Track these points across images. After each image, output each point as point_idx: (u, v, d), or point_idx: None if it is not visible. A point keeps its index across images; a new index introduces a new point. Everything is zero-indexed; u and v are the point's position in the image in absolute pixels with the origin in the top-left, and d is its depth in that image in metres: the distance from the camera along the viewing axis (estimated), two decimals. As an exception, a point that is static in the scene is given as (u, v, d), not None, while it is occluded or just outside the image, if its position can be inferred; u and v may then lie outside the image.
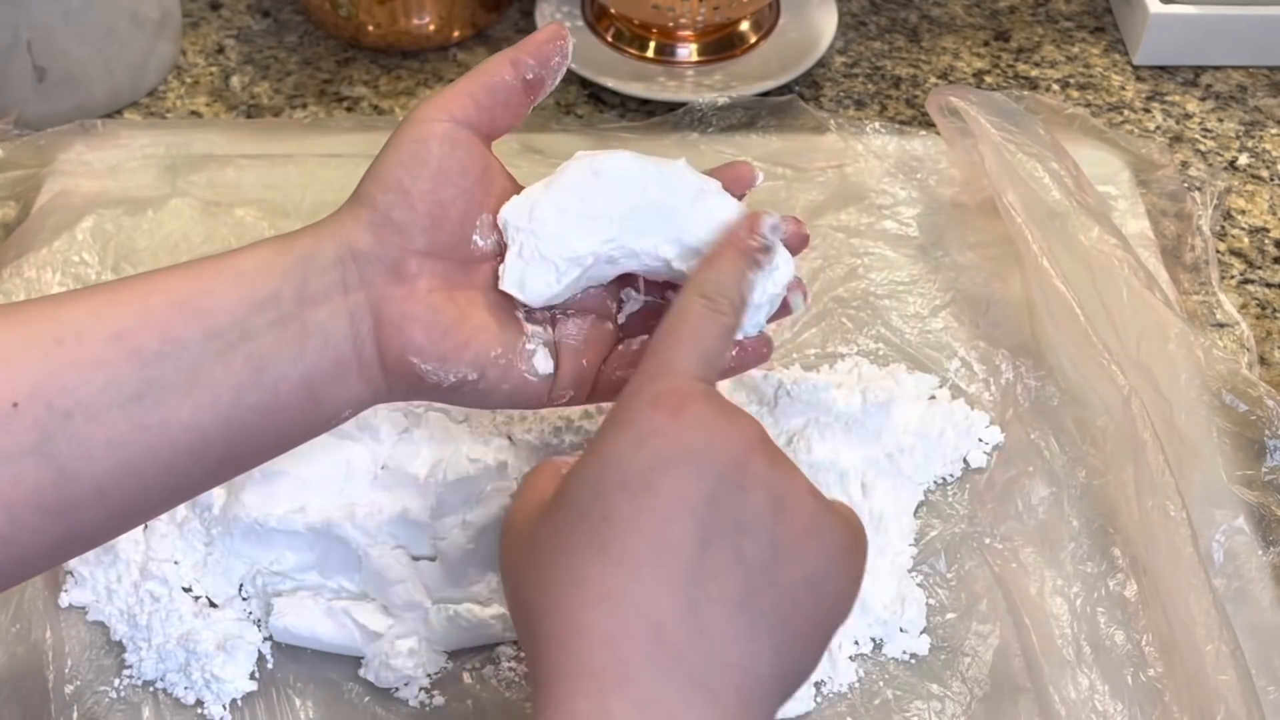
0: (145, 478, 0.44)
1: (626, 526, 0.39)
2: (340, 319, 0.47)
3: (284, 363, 0.46)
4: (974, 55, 0.87)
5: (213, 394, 0.44)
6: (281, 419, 0.46)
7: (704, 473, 0.40)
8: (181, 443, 0.44)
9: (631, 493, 0.40)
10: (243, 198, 0.75)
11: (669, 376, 0.42)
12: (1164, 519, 0.56)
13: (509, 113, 0.50)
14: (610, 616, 0.38)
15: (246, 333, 0.45)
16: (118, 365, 0.43)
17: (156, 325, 0.44)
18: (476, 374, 0.48)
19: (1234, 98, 0.84)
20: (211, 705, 0.55)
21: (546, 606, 0.40)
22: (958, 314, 0.69)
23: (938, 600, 0.59)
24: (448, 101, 0.48)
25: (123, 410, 0.43)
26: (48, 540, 0.43)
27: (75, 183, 0.75)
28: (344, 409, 0.48)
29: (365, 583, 0.57)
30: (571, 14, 0.86)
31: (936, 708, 0.56)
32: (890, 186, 0.75)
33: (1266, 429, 0.62)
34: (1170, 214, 0.74)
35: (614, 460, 0.41)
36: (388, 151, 0.48)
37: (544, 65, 0.49)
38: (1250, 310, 0.72)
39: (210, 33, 0.88)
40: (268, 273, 0.46)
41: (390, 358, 0.47)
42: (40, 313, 0.44)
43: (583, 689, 0.38)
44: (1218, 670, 0.53)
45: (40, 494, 0.42)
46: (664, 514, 0.39)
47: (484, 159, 0.49)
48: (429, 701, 0.56)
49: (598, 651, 0.38)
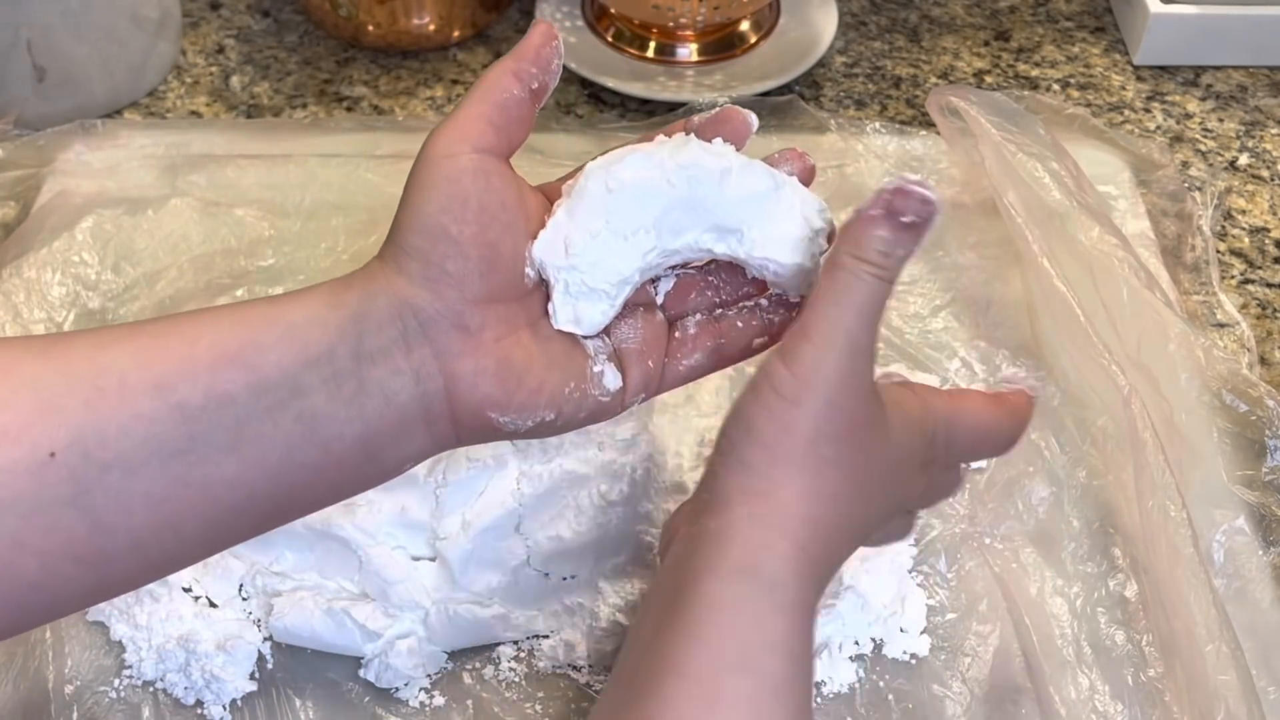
0: (184, 532, 0.43)
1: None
2: (403, 377, 0.44)
3: (339, 422, 0.44)
4: (974, 55, 0.87)
5: (260, 451, 0.43)
6: (334, 475, 0.45)
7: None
8: (224, 499, 0.43)
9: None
10: (243, 198, 0.75)
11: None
12: (1164, 519, 0.56)
13: (522, 127, 0.47)
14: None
15: (298, 390, 0.43)
16: (160, 419, 0.42)
17: (202, 378, 0.42)
18: (554, 414, 0.47)
19: (1234, 98, 0.84)
20: (211, 705, 0.55)
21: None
22: (958, 314, 0.69)
23: (938, 600, 0.59)
24: (465, 130, 0.46)
25: (163, 465, 0.42)
26: (80, 588, 0.42)
27: (75, 183, 0.75)
28: (405, 463, 0.46)
29: (365, 583, 0.57)
30: (571, 14, 0.86)
31: (936, 708, 0.56)
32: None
33: (1267, 429, 0.62)
34: (1170, 214, 0.74)
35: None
36: (421, 194, 0.45)
37: (545, 71, 0.47)
38: (1250, 310, 0.72)
39: (210, 33, 0.88)
40: (321, 327, 0.44)
41: (465, 415, 0.46)
42: (82, 354, 0.42)
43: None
44: (1218, 670, 0.53)
45: (73, 545, 0.41)
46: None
47: (515, 184, 0.47)
48: (429, 701, 0.56)
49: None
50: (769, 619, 0.41)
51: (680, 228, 0.48)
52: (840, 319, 0.43)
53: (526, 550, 0.57)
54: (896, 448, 0.45)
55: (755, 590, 0.41)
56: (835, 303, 0.43)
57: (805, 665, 0.41)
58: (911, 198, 0.43)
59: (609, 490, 0.57)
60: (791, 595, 0.41)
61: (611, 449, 0.57)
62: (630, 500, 0.57)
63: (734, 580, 0.41)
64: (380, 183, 0.75)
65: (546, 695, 0.56)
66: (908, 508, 0.50)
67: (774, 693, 0.40)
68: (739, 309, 0.50)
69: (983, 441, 0.50)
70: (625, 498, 0.57)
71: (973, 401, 0.49)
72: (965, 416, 0.48)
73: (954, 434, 0.48)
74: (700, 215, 0.47)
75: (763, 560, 0.41)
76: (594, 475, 0.57)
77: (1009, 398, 0.50)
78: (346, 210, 0.74)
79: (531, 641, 0.57)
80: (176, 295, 0.70)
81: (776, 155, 0.50)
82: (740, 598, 0.41)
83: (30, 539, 0.40)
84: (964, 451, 0.49)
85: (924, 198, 0.43)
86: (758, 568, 0.41)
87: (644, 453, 0.58)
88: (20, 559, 0.41)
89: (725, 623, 0.40)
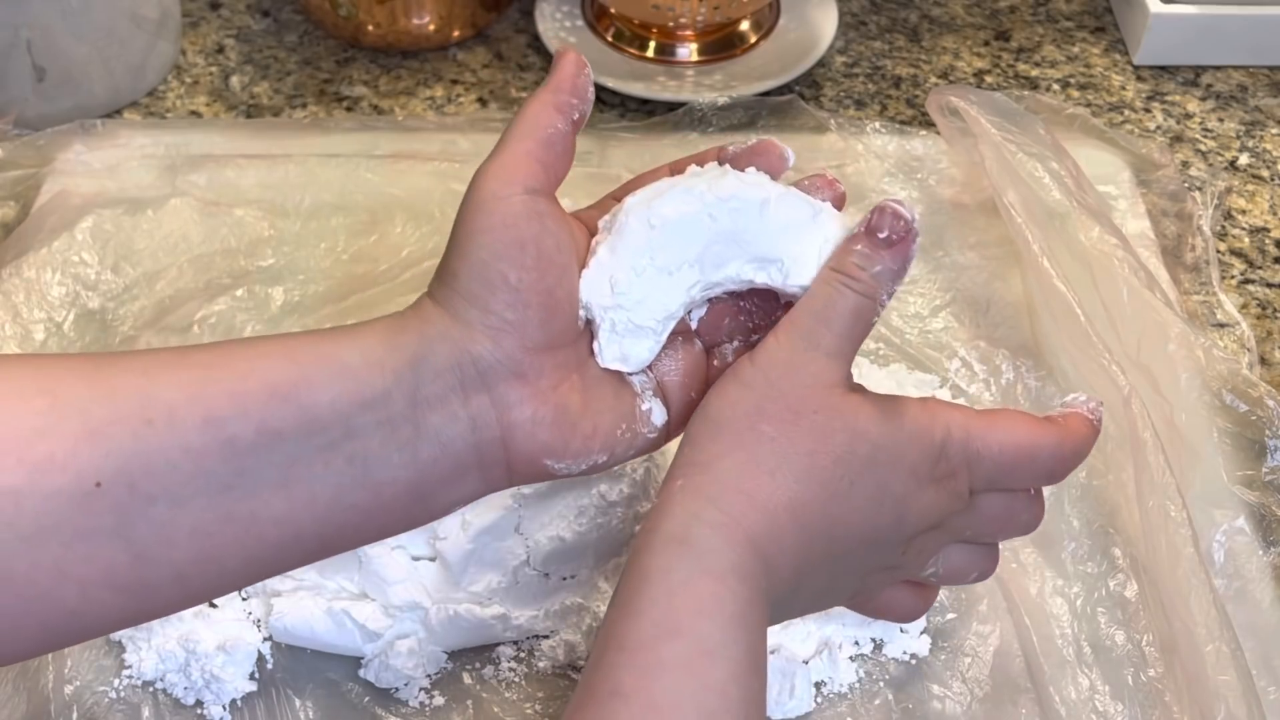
0: (227, 565, 0.43)
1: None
2: (459, 424, 0.44)
3: (393, 466, 0.43)
4: (974, 55, 0.87)
5: (310, 491, 0.42)
6: (382, 518, 0.45)
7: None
8: (270, 536, 0.43)
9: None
10: (243, 198, 0.75)
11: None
12: (1164, 519, 0.56)
13: (566, 160, 0.47)
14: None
15: (351, 431, 0.43)
16: (208, 454, 0.41)
17: (253, 414, 0.42)
18: (606, 456, 0.47)
19: (1234, 98, 0.84)
20: (211, 705, 0.55)
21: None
22: (958, 314, 0.69)
23: (938, 600, 0.59)
24: (514, 170, 0.45)
25: (210, 500, 0.41)
26: (117, 616, 0.42)
27: (75, 183, 0.75)
28: (454, 505, 0.46)
29: (365, 583, 0.57)
30: (571, 14, 0.86)
31: (936, 708, 0.55)
32: (890, 186, 0.75)
33: (1267, 429, 0.62)
34: (1171, 214, 0.74)
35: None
36: (475, 239, 0.44)
37: (584, 100, 0.47)
38: (1250, 310, 0.72)
39: (210, 33, 0.88)
40: (377, 369, 0.43)
41: (520, 461, 0.46)
42: (131, 382, 0.42)
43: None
44: (1218, 670, 0.53)
45: (115, 574, 0.41)
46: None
47: (566, 223, 0.47)
48: (429, 701, 0.56)
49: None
50: (698, 583, 0.41)
51: (722, 260, 0.47)
52: (802, 319, 0.45)
53: (526, 550, 0.57)
54: (876, 448, 0.45)
55: (684, 557, 0.42)
56: (804, 307, 0.46)
57: (742, 628, 0.41)
58: (886, 214, 0.45)
59: (609, 490, 0.57)
60: (723, 561, 0.42)
61: (611, 449, 0.57)
62: (630, 500, 0.57)
63: (665, 550, 0.42)
64: (380, 183, 0.75)
65: (546, 695, 0.56)
66: (921, 525, 0.47)
67: (707, 654, 0.40)
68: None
69: (1018, 462, 0.47)
70: (625, 498, 0.57)
71: (1007, 419, 0.47)
72: (994, 432, 0.46)
73: (976, 448, 0.46)
74: (742, 247, 0.47)
75: (691, 529, 0.42)
76: (594, 475, 0.57)
77: (1062, 420, 0.48)
78: (346, 210, 0.74)
79: (531, 641, 0.57)
80: (176, 295, 0.70)
81: (807, 181, 0.50)
82: (670, 567, 0.42)
83: (71, 567, 0.40)
84: (993, 471, 0.47)
85: (897, 213, 0.45)
86: (687, 536, 0.42)
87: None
88: (60, 586, 0.40)
89: (657, 592, 0.41)
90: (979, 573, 0.51)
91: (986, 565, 0.51)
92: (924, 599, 0.51)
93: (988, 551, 0.50)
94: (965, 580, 0.52)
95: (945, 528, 0.48)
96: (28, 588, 0.40)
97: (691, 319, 0.50)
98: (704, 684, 0.40)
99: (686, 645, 0.40)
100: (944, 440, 0.46)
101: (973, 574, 0.51)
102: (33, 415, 0.40)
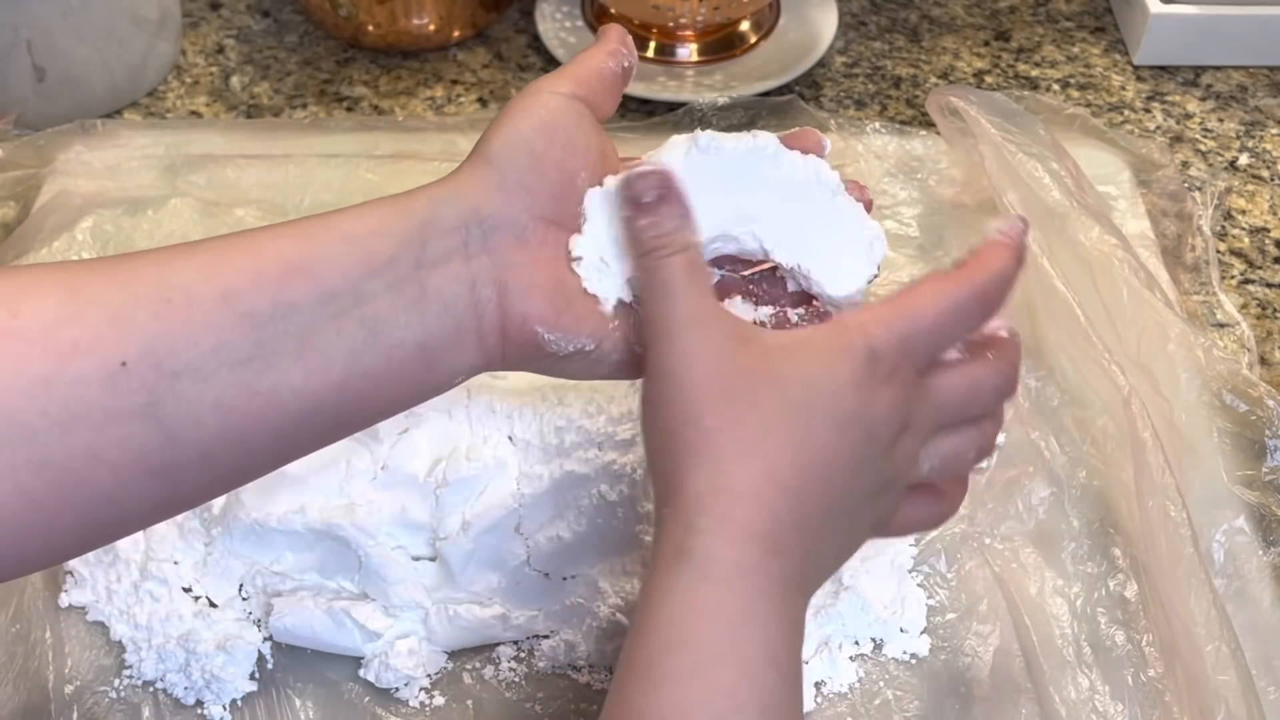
0: (252, 442, 0.43)
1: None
2: (461, 284, 0.46)
3: (400, 328, 0.45)
4: (974, 55, 0.87)
5: (325, 359, 0.44)
6: (394, 384, 0.46)
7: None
8: (291, 408, 0.43)
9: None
10: (243, 198, 0.75)
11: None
12: (1164, 519, 0.56)
13: (613, 98, 0.50)
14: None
15: (361, 297, 0.44)
16: (228, 327, 0.42)
17: (268, 287, 0.43)
18: (594, 344, 0.48)
19: (1234, 98, 0.84)
20: (211, 705, 0.55)
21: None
22: (958, 314, 0.69)
23: (938, 600, 0.59)
24: (566, 78, 0.48)
25: (232, 373, 0.42)
26: (151, 502, 0.43)
27: (75, 183, 0.75)
28: (457, 375, 0.47)
29: (365, 583, 0.57)
30: (571, 14, 0.86)
31: (936, 708, 0.56)
32: (890, 186, 0.75)
33: (1267, 429, 0.62)
34: (1170, 214, 0.74)
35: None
36: (515, 116, 0.47)
37: (631, 52, 0.50)
38: (1250, 310, 0.72)
39: (210, 33, 0.88)
40: (383, 236, 0.45)
41: (513, 325, 0.47)
42: (146, 270, 0.43)
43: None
44: (1218, 670, 0.53)
45: (147, 456, 0.42)
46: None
47: (602, 137, 0.49)
48: (429, 701, 0.56)
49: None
50: (699, 591, 0.41)
51: (744, 218, 0.48)
52: (655, 314, 0.45)
53: (526, 550, 0.57)
54: (807, 383, 0.44)
55: (684, 572, 0.42)
56: (647, 307, 0.45)
57: (750, 626, 0.41)
58: (635, 181, 0.46)
59: (609, 490, 0.57)
60: (723, 564, 0.42)
61: (611, 449, 0.57)
62: (630, 500, 0.57)
63: (667, 571, 0.42)
64: (380, 183, 0.75)
65: (546, 695, 0.56)
66: (892, 428, 0.45)
67: (712, 660, 0.40)
68: (773, 319, 0.51)
69: (943, 321, 0.45)
70: (625, 498, 0.57)
71: (915, 290, 0.45)
72: (907, 309, 0.45)
73: (899, 332, 0.44)
74: (764, 213, 0.48)
75: (687, 544, 0.42)
76: (594, 475, 0.57)
77: (971, 258, 0.46)
78: (346, 210, 0.74)
79: (531, 641, 0.57)
80: (176, 295, 0.70)
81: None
82: (672, 586, 0.42)
83: (105, 451, 0.41)
84: (927, 343, 0.45)
85: (642, 174, 0.46)
86: (686, 552, 0.42)
87: (644, 453, 0.58)
88: (96, 472, 0.41)
89: (661, 611, 0.42)
90: (976, 451, 0.49)
91: (979, 442, 0.48)
92: (943, 499, 0.50)
93: (974, 427, 0.48)
94: (968, 464, 0.49)
95: (916, 420, 0.46)
96: (64, 475, 0.41)
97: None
98: (712, 689, 0.40)
99: (690, 655, 0.41)
100: (867, 343, 0.44)
101: (970, 455, 0.49)
102: (55, 306, 0.41)
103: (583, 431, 0.58)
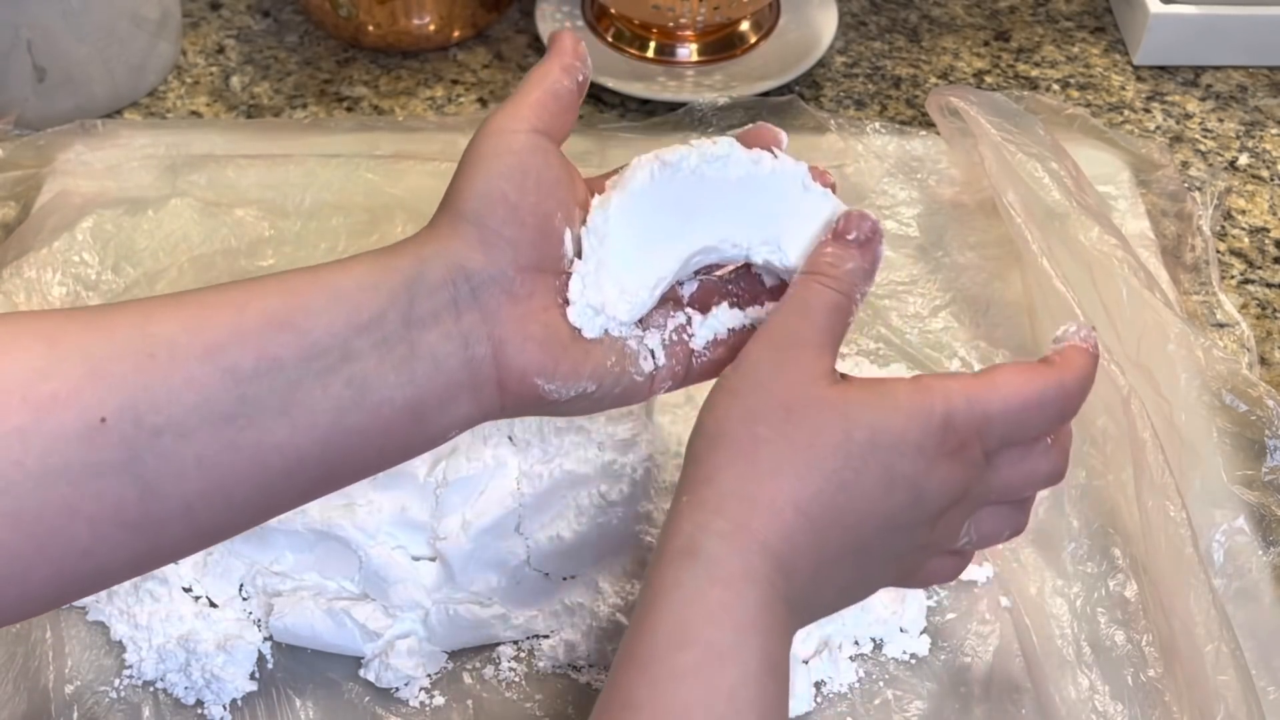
0: (234, 497, 0.43)
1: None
2: (453, 342, 0.45)
3: (389, 386, 0.44)
4: (974, 55, 0.87)
5: (310, 416, 0.43)
6: (382, 441, 0.45)
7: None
8: (274, 464, 0.43)
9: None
10: (243, 198, 0.75)
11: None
12: (1164, 519, 0.56)
13: (570, 116, 0.49)
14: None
15: (349, 354, 0.44)
16: (211, 383, 0.42)
17: (252, 343, 0.43)
18: (595, 385, 0.47)
19: (1234, 98, 0.84)
20: (211, 705, 0.55)
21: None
22: (958, 314, 0.69)
23: (938, 600, 0.59)
24: (523, 112, 0.48)
25: (215, 430, 0.42)
26: (130, 555, 0.43)
27: (75, 183, 0.75)
28: (450, 430, 0.47)
29: (365, 583, 0.57)
30: (571, 14, 0.86)
31: (936, 708, 0.56)
32: (890, 187, 0.75)
33: (1266, 429, 0.62)
34: (1170, 214, 0.75)
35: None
36: (480, 164, 0.47)
37: (584, 65, 0.50)
38: (1250, 310, 0.72)
39: (210, 33, 0.88)
40: (370, 292, 0.44)
41: (512, 379, 0.46)
42: (129, 322, 0.43)
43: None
44: (1218, 670, 0.53)
45: (124, 510, 0.41)
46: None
47: (568, 167, 0.49)
48: (429, 701, 0.56)
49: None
50: (708, 592, 0.42)
51: (716, 225, 0.49)
52: (782, 319, 0.46)
53: (526, 550, 0.57)
54: (874, 432, 0.44)
55: (693, 568, 0.42)
56: (783, 308, 0.46)
57: (754, 632, 0.41)
58: (853, 218, 0.48)
59: (609, 490, 0.57)
60: (733, 568, 0.42)
61: (611, 449, 0.57)
62: (630, 500, 0.57)
63: (675, 565, 0.42)
64: (380, 183, 0.75)
65: (546, 695, 0.56)
66: (943, 501, 0.46)
67: (717, 661, 0.41)
68: (757, 315, 0.52)
69: (1027, 413, 0.46)
70: (625, 498, 0.57)
71: (1005, 374, 0.46)
72: (996, 391, 0.45)
73: (981, 412, 0.45)
74: (736, 214, 0.49)
75: (698, 541, 0.42)
76: (594, 475, 0.57)
77: (1059, 358, 0.47)
78: (346, 210, 0.74)
79: (531, 641, 0.58)
80: (176, 295, 0.70)
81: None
82: (680, 580, 0.42)
83: (82, 505, 0.41)
84: (1004, 430, 0.46)
85: (864, 215, 0.48)
86: (695, 548, 0.42)
87: (644, 453, 0.58)
88: (72, 526, 0.41)
89: (667, 606, 0.42)
90: (1011, 530, 0.50)
91: (1017, 522, 0.50)
92: (965, 557, 0.51)
93: (1017, 508, 0.50)
94: (1003, 539, 0.51)
95: (969, 498, 0.47)
96: (38, 527, 0.40)
97: (684, 296, 0.51)
98: (713, 690, 0.40)
99: (696, 653, 0.41)
100: (946, 413, 0.45)
101: (1005, 533, 0.50)
102: (34, 358, 0.41)
103: (583, 431, 0.58)
